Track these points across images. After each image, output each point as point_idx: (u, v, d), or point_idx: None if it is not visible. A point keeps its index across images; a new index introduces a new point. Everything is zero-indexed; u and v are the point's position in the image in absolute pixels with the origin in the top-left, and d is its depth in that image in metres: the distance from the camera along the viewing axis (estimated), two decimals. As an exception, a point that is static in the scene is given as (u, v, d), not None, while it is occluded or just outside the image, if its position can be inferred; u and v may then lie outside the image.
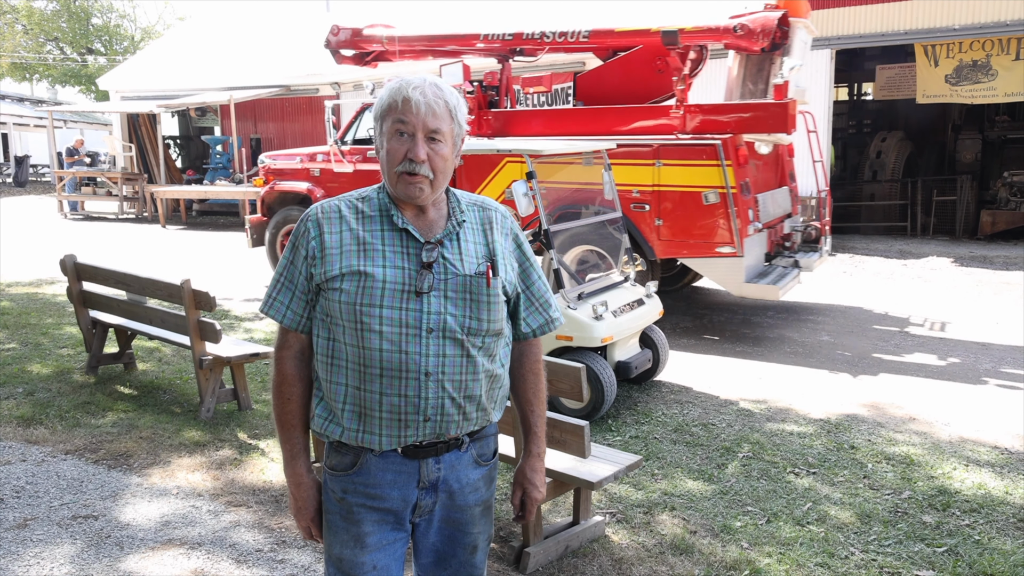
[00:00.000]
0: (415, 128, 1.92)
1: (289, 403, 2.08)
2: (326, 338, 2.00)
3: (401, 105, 1.92)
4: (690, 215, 7.56)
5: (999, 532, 3.98)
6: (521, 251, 2.16)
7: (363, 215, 2.01)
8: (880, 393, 6.15)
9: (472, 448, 2.10)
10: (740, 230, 7.30)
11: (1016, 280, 10.43)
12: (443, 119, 1.95)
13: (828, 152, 13.89)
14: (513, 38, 9.01)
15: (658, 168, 7.67)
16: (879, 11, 12.90)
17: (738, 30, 7.77)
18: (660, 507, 4.27)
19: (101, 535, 3.95)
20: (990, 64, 12.57)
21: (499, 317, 2.05)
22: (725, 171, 7.30)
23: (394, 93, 1.94)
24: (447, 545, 2.13)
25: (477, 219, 2.08)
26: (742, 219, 7.31)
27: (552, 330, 2.23)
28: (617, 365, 5.85)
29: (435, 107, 1.93)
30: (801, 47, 8.14)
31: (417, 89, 1.93)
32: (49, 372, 6.59)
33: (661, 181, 7.63)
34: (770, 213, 8.18)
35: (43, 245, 14.66)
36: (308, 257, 1.99)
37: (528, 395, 2.23)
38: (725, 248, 7.42)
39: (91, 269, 6.34)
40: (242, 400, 5.77)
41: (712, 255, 7.55)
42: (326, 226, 1.99)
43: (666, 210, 7.68)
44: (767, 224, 8.03)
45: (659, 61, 8.30)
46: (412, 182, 1.94)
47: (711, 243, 7.51)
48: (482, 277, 2.00)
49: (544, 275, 2.22)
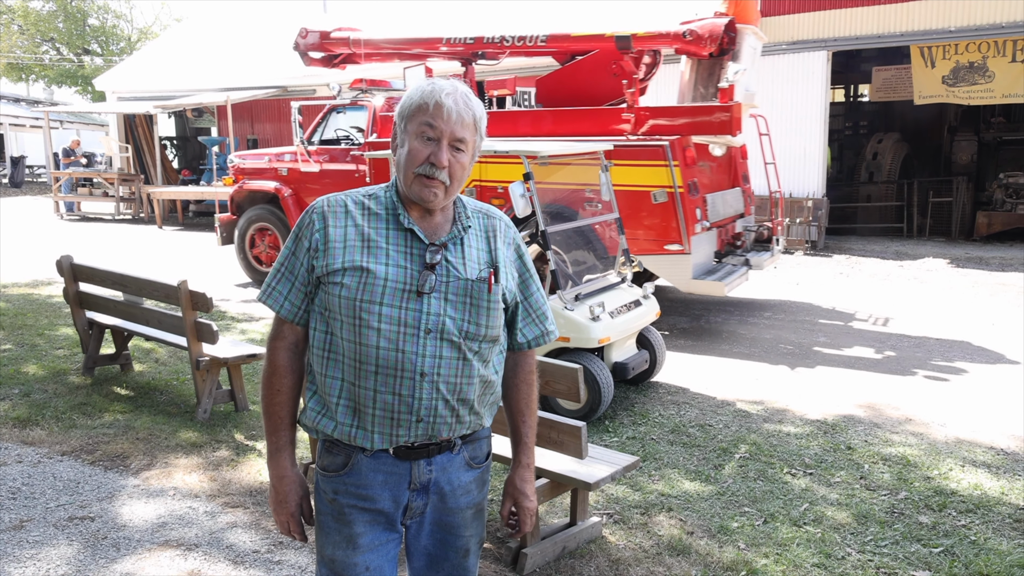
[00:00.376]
0: (442, 134, 1.93)
1: (279, 395, 2.07)
2: (323, 332, 2.00)
3: (432, 109, 1.93)
4: (640, 214, 7.78)
5: (995, 532, 3.99)
6: (522, 262, 2.17)
7: (369, 212, 2.01)
8: (877, 394, 6.15)
9: (464, 450, 2.10)
10: (688, 228, 7.53)
11: (1012, 281, 10.45)
12: (469, 129, 1.96)
13: (824, 153, 13.93)
14: (475, 42, 9.33)
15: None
16: (875, 13, 12.93)
17: (687, 35, 8.13)
18: (657, 508, 4.27)
19: (97, 536, 3.94)
20: (987, 66, 12.60)
21: (497, 323, 2.05)
22: (673, 171, 7.54)
23: (426, 96, 1.94)
24: (439, 548, 2.12)
25: (481, 226, 2.09)
26: (689, 218, 7.54)
27: (547, 343, 2.24)
28: (614, 366, 5.85)
29: (464, 116, 1.95)
30: (750, 52, 8.45)
31: (450, 96, 1.93)
32: (45, 373, 6.58)
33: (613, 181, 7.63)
34: (720, 213, 8.39)
35: (39, 246, 14.62)
36: (311, 249, 1.99)
37: (520, 405, 2.23)
38: (673, 246, 7.64)
39: (87, 270, 6.33)
40: (239, 401, 5.76)
41: (661, 252, 7.74)
42: (331, 219, 1.99)
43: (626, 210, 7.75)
44: (717, 223, 8.24)
45: (614, 65, 8.55)
46: (429, 185, 1.94)
47: (660, 241, 7.73)
48: (484, 283, 2.01)
49: (542, 287, 2.22)
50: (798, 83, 13.73)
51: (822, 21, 13.39)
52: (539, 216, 5.62)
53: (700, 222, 7.66)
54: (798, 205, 13.40)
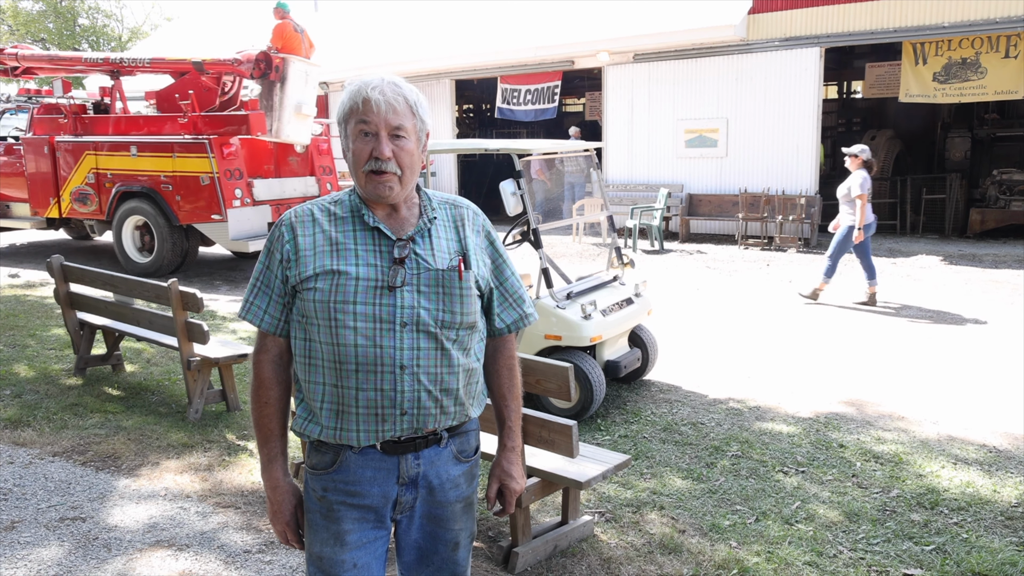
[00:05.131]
0: (377, 127, 1.95)
1: (267, 407, 2.10)
2: (303, 339, 2.02)
3: (362, 106, 1.95)
4: (195, 193, 10.80)
5: (987, 530, 4.00)
6: (493, 247, 2.18)
7: (335, 217, 2.04)
8: (868, 392, 6.16)
9: (452, 444, 2.11)
10: (226, 203, 10.55)
11: (1005, 278, 10.47)
12: (404, 115, 1.98)
13: (817, 151, 13.95)
14: (103, 61, 12.33)
15: (175, 159, 10.92)
16: (868, 8, 12.93)
17: (234, 62, 10.93)
18: (649, 506, 4.27)
19: (89, 537, 3.93)
20: (979, 62, 12.61)
21: (472, 310, 2.07)
22: (212, 161, 10.56)
23: (354, 95, 1.97)
24: (429, 542, 2.13)
25: (449, 216, 2.11)
26: (228, 196, 10.58)
27: (526, 325, 2.25)
28: (606, 364, 5.85)
29: (395, 104, 1.96)
30: (300, 76, 11.19)
31: (376, 89, 1.95)
32: (36, 374, 6.55)
33: (177, 169, 10.92)
34: (277, 193, 11.57)
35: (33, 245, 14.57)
36: (283, 261, 2.02)
37: (503, 390, 2.25)
38: (216, 216, 10.66)
39: (78, 271, 6.30)
40: (230, 401, 5.75)
41: (209, 220, 10.78)
42: (299, 229, 2.02)
43: (181, 189, 10.90)
44: (273, 201, 11.36)
45: (204, 81, 11.71)
46: (380, 181, 1.97)
47: (207, 212, 10.74)
48: (454, 271, 2.03)
49: (517, 272, 2.23)
50: (790, 79, 13.74)
51: (815, 17, 13.40)
52: (530, 215, 5.61)
53: (241, 199, 10.74)
54: (791, 202, 13.40)
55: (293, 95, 11.02)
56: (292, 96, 11.01)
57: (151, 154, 11.10)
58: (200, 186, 10.67)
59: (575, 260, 12.11)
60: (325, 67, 18.60)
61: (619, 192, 15.40)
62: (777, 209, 13.47)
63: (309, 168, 12.38)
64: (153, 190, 11.10)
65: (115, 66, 12.09)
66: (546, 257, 5.77)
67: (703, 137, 14.68)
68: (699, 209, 14.74)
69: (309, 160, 12.39)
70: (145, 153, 11.20)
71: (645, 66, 15.16)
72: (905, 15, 12.72)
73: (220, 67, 11.25)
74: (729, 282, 10.79)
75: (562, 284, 6.28)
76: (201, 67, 11.34)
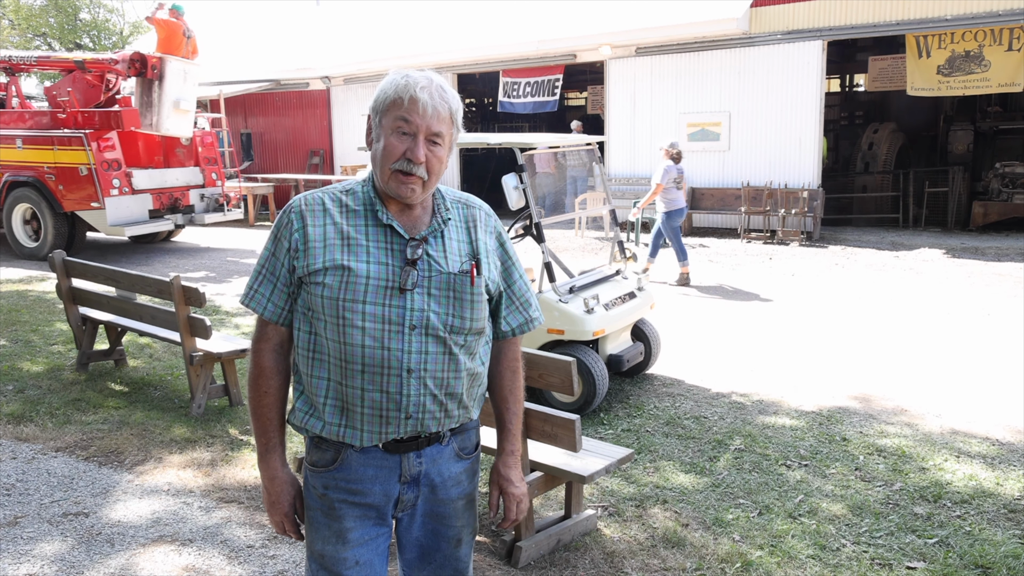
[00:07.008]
0: (418, 129, 1.90)
1: (266, 396, 2.06)
2: (307, 332, 1.98)
3: (407, 104, 1.89)
4: (75, 182, 11.77)
5: (990, 523, 3.99)
6: (504, 249, 2.14)
7: (347, 209, 1.98)
8: (871, 385, 6.15)
9: (453, 441, 2.09)
10: (104, 192, 11.52)
11: (1008, 271, 10.45)
12: (445, 122, 1.93)
13: (820, 144, 13.91)
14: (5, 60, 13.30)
15: (56, 151, 11.89)
16: (871, 1, 12.88)
17: (111, 62, 12.12)
18: (652, 500, 4.27)
19: (92, 532, 3.93)
20: (983, 54, 12.57)
21: (481, 316, 2.04)
22: (90, 154, 11.51)
23: (400, 90, 1.90)
24: (431, 539, 2.12)
25: (461, 217, 2.07)
26: (105, 185, 11.55)
27: (531, 329, 2.22)
28: (609, 358, 5.84)
29: (440, 110, 1.91)
30: (179, 74, 12.21)
31: (425, 90, 1.89)
32: (39, 369, 6.56)
33: (59, 160, 11.88)
34: (159, 183, 12.54)
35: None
36: (291, 249, 1.96)
37: (504, 393, 2.22)
38: (95, 203, 11.62)
39: (80, 265, 6.30)
40: (233, 396, 5.75)
41: (89, 208, 11.75)
42: (309, 218, 1.96)
43: (64, 179, 11.85)
44: (153, 190, 12.35)
45: (90, 78, 12.70)
46: (406, 182, 1.91)
47: (87, 200, 11.71)
48: (466, 276, 1.99)
49: (526, 274, 2.21)
50: (793, 73, 13.71)
51: (817, 10, 13.35)
52: (532, 209, 5.59)
53: (118, 188, 11.67)
54: (793, 196, 13.37)
55: (171, 92, 12.12)
56: (170, 93, 12.11)
57: (35, 147, 12.20)
58: (80, 176, 11.70)
59: (577, 254, 12.10)
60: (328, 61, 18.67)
61: (621, 186, 15.38)
62: (780, 203, 13.45)
63: (194, 159, 13.45)
64: (39, 180, 12.16)
65: (7, 63, 13.19)
66: (549, 251, 5.76)
67: (705, 131, 14.65)
68: (702, 203, 14.71)
69: (194, 152, 13.46)
70: (29, 146, 12.27)
71: (647, 60, 15.12)
72: (908, 8, 12.67)
73: (100, 66, 12.46)
74: (732, 275, 10.77)
75: (565, 278, 6.27)
76: (83, 66, 12.58)
